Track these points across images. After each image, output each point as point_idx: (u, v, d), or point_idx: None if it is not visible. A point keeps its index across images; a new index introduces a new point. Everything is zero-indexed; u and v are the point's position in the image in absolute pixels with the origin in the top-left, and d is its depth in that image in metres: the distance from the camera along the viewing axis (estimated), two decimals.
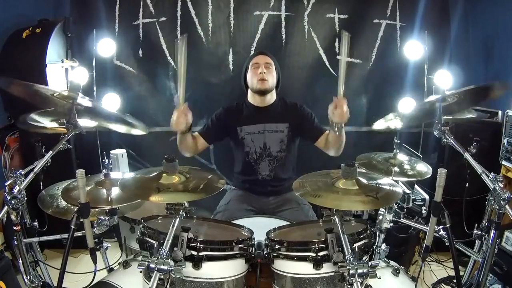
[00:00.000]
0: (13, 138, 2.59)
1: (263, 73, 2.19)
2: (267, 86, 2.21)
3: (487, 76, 2.91)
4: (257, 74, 2.21)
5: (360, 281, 1.26)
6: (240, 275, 1.47)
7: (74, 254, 2.64)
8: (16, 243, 1.68)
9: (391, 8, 2.95)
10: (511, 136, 2.33)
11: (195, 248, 1.38)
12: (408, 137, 2.89)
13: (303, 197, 1.53)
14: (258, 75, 2.20)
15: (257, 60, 2.25)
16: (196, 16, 2.89)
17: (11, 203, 1.47)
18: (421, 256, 1.56)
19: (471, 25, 3.01)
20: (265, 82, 2.20)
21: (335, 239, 1.36)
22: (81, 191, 1.40)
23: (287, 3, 2.90)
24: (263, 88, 2.21)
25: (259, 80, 2.20)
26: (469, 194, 2.10)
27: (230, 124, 2.29)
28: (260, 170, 2.29)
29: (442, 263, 2.61)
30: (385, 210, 1.83)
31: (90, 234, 1.51)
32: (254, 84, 2.23)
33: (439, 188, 1.34)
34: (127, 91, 2.94)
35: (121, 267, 1.70)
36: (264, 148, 2.27)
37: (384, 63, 2.98)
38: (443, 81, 2.66)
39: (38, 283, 1.79)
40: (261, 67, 2.21)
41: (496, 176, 1.49)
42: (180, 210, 1.44)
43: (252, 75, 2.24)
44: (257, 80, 2.20)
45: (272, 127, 2.27)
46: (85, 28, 2.83)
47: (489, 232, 1.62)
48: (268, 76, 2.21)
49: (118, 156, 2.71)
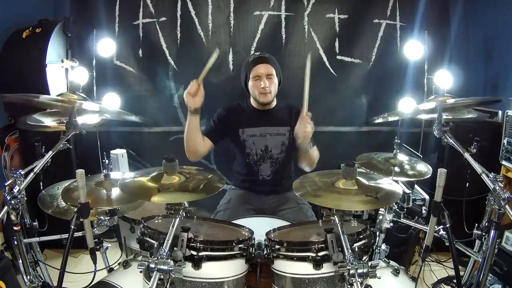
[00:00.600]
0: (13, 138, 2.59)
1: (266, 87, 2.16)
2: (270, 98, 2.21)
3: (487, 76, 2.91)
4: (258, 88, 2.18)
5: (360, 281, 1.26)
6: (240, 275, 1.47)
7: (74, 254, 2.64)
8: (16, 243, 1.68)
9: (391, 8, 2.95)
10: (511, 136, 2.33)
11: (195, 248, 1.38)
12: (408, 137, 2.89)
13: (303, 197, 1.53)
14: (259, 89, 2.18)
15: (258, 72, 2.18)
16: (196, 16, 2.89)
17: (11, 203, 1.47)
18: (421, 256, 1.56)
19: (471, 25, 3.00)
20: (267, 95, 2.19)
21: (335, 239, 1.36)
22: (81, 191, 1.40)
23: (287, 3, 2.90)
24: (265, 101, 2.21)
25: (261, 94, 2.19)
26: (469, 194, 2.10)
27: (231, 125, 2.29)
28: (261, 172, 2.29)
29: (442, 263, 2.61)
30: (385, 210, 1.83)
31: (90, 234, 1.51)
32: (256, 96, 2.22)
33: (439, 188, 1.34)
34: (127, 91, 2.94)
35: (121, 267, 1.70)
36: (266, 151, 2.27)
37: (384, 63, 2.97)
38: (443, 81, 2.66)
39: (38, 283, 1.79)
40: (263, 79, 2.16)
41: (496, 176, 1.49)
42: (180, 210, 1.44)
43: (254, 87, 2.21)
44: (259, 94, 2.19)
45: (273, 131, 2.26)
46: (85, 28, 2.83)
47: (489, 232, 1.62)
48: (270, 88, 2.18)
49: (118, 156, 2.71)
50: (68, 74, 2.73)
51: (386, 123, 2.62)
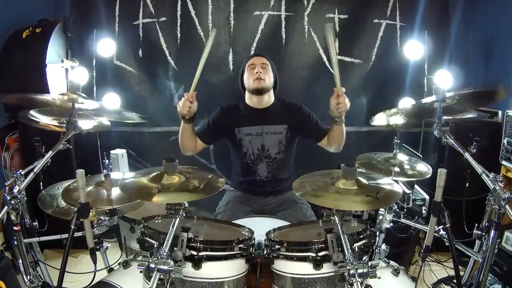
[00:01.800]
0: (13, 138, 2.59)
1: (259, 72, 2.18)
2: (263, 84, 2.19)
3: (487, 76, 2.91)
4: (253, 74, 2.19)
5: (360, 281, 1.26)
6: (240, 275, 1.47)
7: (74, 254, 2.63)
8: (16, 243, 1.68)
9: (391, 8, 2.95)
10: (511, 136, 2.33)
11: (195, 248, 1.38)
12: (408, 137, 2.89)
13: (303, 197, 1.53)
14: (254, 75, 2.19)
15: (253, 61, 2.24)
16: (196, 16, 2.89)
17: (11, 203, 1.47)
18: (421, 256, 1.56)
19: (471, 25, 3.00)
20: (261, 81, 2.18)
21: (335, 239, 1.36)
22: (81, 191, 1.41)
23: (287, 3, 2.90)
24: (259, 86, 2.19)
25: (256, 80, 2.18)
26: (469, 194, 2.10)
27: (227, 124, 2.29)
28: (258, 172, 2.28)
29: (442, 263, 2.61)
30: (385, 210, 1.83)
31: (90, 234, 1.51)
32: (250, 84, 2.21)
33: (439, 188, 1.34)
34: (127, 91, 2.94)
35: (121, 267, 1.70)
36: (262, 150, 2.26)
37: (384, 63, 2.97)
38: (443, 81, 2.66)
39: (38, 283, 1.80)
40: (257, 67, 2.20)
41: (496, 176, 1.49)
42: (180, 210, 1.44)
43: (249, 75, 2.22)
44: (253, 80, 2.19)
45: (270, 129, 2.26)
46: (85, 28, 2.83)
47: (489, 232, 1.62)
48: (264, 76, 2.19)
49: (118, 156, 2.71)
50: (68, 74, 2.73)
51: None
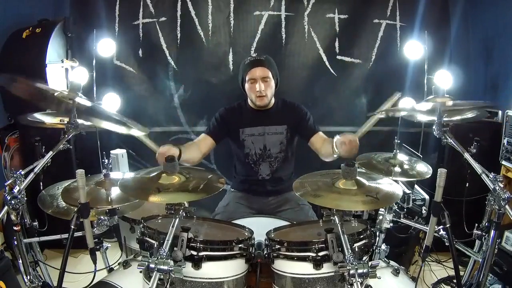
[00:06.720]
0: (13, 138, 2.59)
1: (261, 90, 2.15)
2: (266, 101, 2.20)
3: (487, 76, 2.91)
4: (254, 92, 2.17)
5: (360, 281, 1.26)
6: (240, 275, 1.47)
7: (74, 254, 2.64)
8: (16, 243, 1.68)
9: (391, 8, 2.95)
10: (511, 136, 2.33)
11: (195, 248, 1.38)
12: (408, 137, 2.89)
13: (303, 197, 1.53)
14: (255, 92, 2.17)
15: (253, 75, 2.16)
16: (196, 16, 2.89)
17: (11, 203, 1.47)
18: (421, 256, 1.56)
19: (471, 25, 3.01)
20: (263, 98, 2.18)
21: (335, 239, 1.36)
22: (81, 191, 1.40)
23: (287, 3, 2.90)
24: (262, 104, 2.21)
25: (258, 97, 2.18)
26: (469, 194, 2.10)
27: (232, 124, 2.29)
28: (260, 171, 2.29)
29: (442, 263, 2.61)
30: (385, 210, 1.83)
31: (90, 234, 1.51)
32: (253, 99, 2.22)
33: (439, 188, 1.34)
34: (127, 91, 2.94)
35: (121, 267, 1.70)
36: (264, 150, 2.27)
37: (384, 63, 2.97)
38: (443, 81, 2.66)
39: (38, 283, 1.79)
40: (259, 83, 2.15)
41: (496, 176, 1.49)
42: (180, 210, 1.44)
43: (250, 90, 2.20)
44: (255, 97, 2.19)
45: (271, 130, 2.27)
46: (85, 28, 2.83)
47: (489, 232, 1.62)
48: (266, 91, 2.17)
49: (118, 156, 2.71)
50: (68, 74, 2.74)
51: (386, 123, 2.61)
